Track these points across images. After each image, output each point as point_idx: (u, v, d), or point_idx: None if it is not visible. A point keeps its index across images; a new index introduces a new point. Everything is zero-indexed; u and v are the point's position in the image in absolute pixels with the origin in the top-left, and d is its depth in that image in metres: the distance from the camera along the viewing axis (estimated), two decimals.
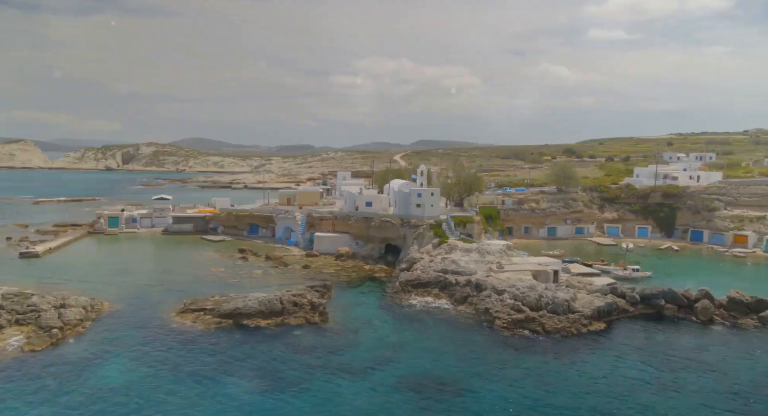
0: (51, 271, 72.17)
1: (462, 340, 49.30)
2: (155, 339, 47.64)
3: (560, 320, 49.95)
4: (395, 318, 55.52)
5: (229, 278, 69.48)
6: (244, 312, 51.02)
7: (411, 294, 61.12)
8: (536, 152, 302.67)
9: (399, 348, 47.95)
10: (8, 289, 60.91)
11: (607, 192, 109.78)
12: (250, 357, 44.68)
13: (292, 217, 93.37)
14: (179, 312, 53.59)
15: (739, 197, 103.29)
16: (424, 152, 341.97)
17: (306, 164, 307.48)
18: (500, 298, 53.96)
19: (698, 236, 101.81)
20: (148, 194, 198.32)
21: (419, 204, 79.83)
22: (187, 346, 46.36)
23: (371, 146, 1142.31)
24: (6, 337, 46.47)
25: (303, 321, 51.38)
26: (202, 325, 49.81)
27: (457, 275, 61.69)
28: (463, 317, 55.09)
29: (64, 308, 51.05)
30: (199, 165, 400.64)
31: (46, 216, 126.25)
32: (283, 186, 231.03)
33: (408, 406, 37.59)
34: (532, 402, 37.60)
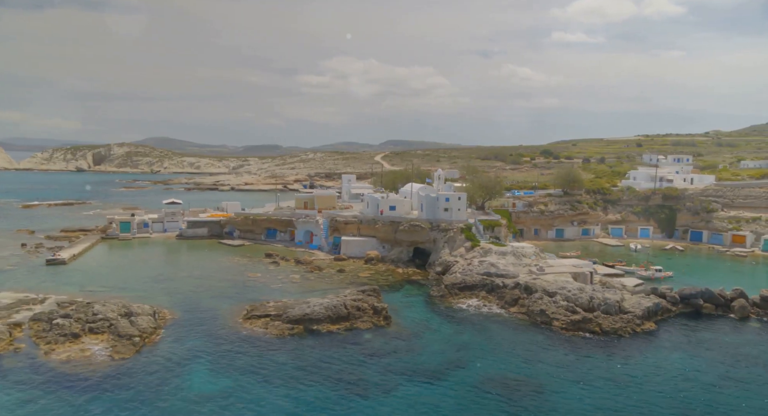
0: (83, 278, 71.70)
1: (525, 341, 51.64)
2: (232, 345, 48.51)
3: (615, 320, 52.83)
4: (451, 320, 57.52)
5: (271, 283, 70.32)
6: (313, 318, 52.25)
7: (458, 297, 63.26)
8: (515, 153, 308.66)
9: (466, 349, 49.97)
10: (59, 298, 60.87)
11: (610, 194, 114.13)
12: (330, 363, 46.03)
13: (313, 221, 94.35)
14: (245, 318, 54.47)
15: (734, 199, 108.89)
16: (404, 153, 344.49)
17: (287, 165, 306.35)
18: (552, 300, 56.58)
19: (698, 236, 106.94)
20: (135, 197, 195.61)
21: (447, 208, 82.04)
22: (266, 353, 47.38)
23: (339, 146, 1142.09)
24: (86, 345, 46.71)
25: (370, 325, 52.96)
26: (276, 331, 50.81)
27: (501, 278, 64.10)
28: (516, 319, 57.48)
29: (133, 316, 51.38)
30: (174, 166, 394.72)
31: (46, 221, 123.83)
32: (270, 188, 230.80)
33: (497, 405, 39.51)
34: (610, 399, 40.03)
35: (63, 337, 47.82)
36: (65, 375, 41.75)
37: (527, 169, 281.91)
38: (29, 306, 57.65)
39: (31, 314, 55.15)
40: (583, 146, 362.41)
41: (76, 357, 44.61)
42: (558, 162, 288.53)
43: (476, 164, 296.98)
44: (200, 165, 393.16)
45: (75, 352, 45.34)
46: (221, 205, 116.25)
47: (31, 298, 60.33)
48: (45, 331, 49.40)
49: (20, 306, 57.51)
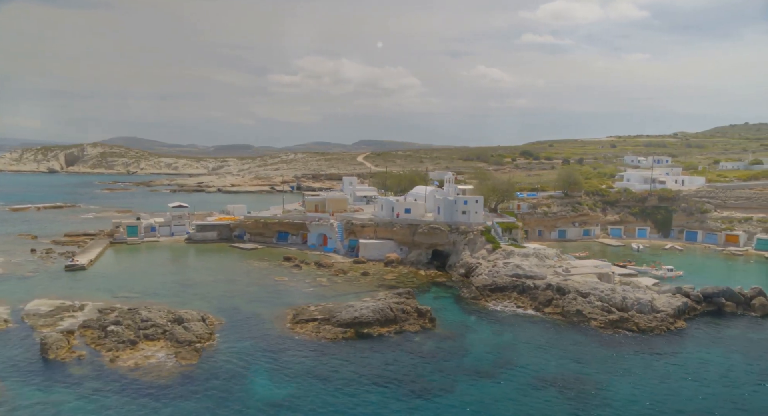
0: (108, 284, 71.32)
1: (567, 340, 53.79)
2: (289, 350, 49.39)
3: (650, 319, 55.43)
4: (490, 321, 59.37)
5: (301, 287, 71.12)
6: (363, 321, 53.46)
7: (490, 299, 65.22)
8: (496, 154, 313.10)
9: (513, 349, 51.86)
10: (96, 305, 60.70)
11: (608, 196, 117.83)
12: (388, 365, 47.33)
13: (327, 224, 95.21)
14: (293, 322, 55.34)
15: (726, 200, 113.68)
16: (386, 154, 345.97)
17: (270, 166, 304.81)
18: (587, 301, 58.97)
19: (693, 236, 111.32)
20: (122, 199, 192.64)
21: (465, 211, 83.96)
22: (322, 357, 48.40)
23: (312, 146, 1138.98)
24: (147, 352, 47.04)
25: (418, 327, 54.42)
26: (329, 335, 51.82)
27: (530, 279, 66.29)
28: (552, 319, 59.66)
29: (186, 322, 51.79)
30: (151, 167, 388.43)
31: (45, 225, 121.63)
32: (257, 189, 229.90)
33: (558, 402, 41.33)
34: (667, 395, 42.33)
35: (121, 344, 48.02)
36: (138, 381, 42.17)
37: (509, 169, 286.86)
38: (70, 314, 57.44)
39: (74, 321, 55.15)
40: (559, 147, 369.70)
41: (143, 363, 44.97)
42: (538, 163, 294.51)
43: (459, 165, 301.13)
44: (178, 166, 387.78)
45: (140, 359, 45.67)
46: (226, 208, 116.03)
47: (68, 305, 59.99)
48: (100, 338, 49.54)
49: (61, 314, 57.27)
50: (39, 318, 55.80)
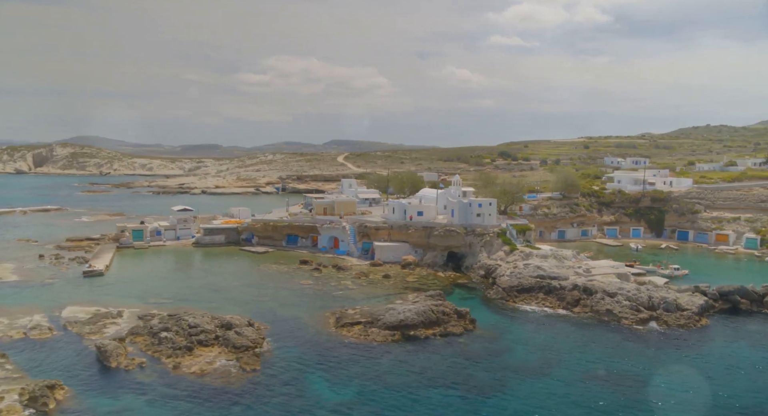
0: (133, 289, 71.11)
1: (603, 339, 56.21)
2: (343, 354, 50.44)
3: (678, 317, 58.38)
4: (524, 321, 61.49)
5: (331, 290, 72.05)
6: (409, 324, 54.87)
7: (517, 299, 67.39)
8: (474, 155, 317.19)
9: (553, 348, 53.95)
10: (132, 311, 60.64)
11: (603, 197, 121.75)
12: (441, 366, 48.92)
13: (339, 227, 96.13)
14: (337, 326, 56.37)
15: (715, 201, 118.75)
16: (365, 154, 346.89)
17: (251, 167, 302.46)
18: (615, 300, 61.64)
19: (684, 236, 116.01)
20: (105, 202, 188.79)
21: (479, 213, 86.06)
22: (377, 359, 49.68)
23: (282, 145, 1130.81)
24: (206, 358, 47.50)
25: (461, 329, 56.10)
26: (379, 338, 53.09)
27: (555, 280, 68.71)
28: (582, 318, 62.14)
29: (236, 328, 52.32)
30: (124, 168, 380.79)
31: (42, 230, 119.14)
32: (242, 190, 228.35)
33: (611, 397, 43.44)
34: (715, 387, 45.11)
35: (178, 350, 48.40)
36: (208, 387, 42.75)
37: (490, 170, 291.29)
38: (111, 321, 57.32)
39: (118, 328, 55.14)
40: (534, 148, 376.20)
41: (208, 369, 45.51)
42: (518, 164, 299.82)
43: (440, 165, 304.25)
44: (153, 167, 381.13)
45: (203, 365, 46.17)
46: (230, 212, 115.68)
47: (105, 312, 59.76)
48: (154, 345, 49.77)
49: (101, 321, 57.12)
50: (81, 325, 55.56)
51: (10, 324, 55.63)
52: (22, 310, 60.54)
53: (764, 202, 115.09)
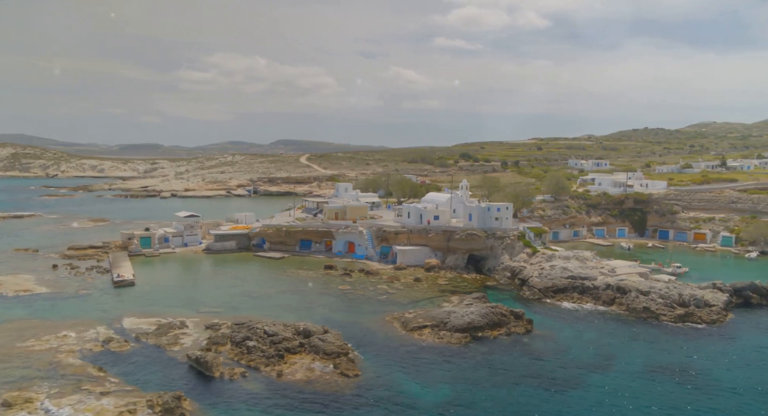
0: (172, 299, 70.98)
1: (647, 334, 61.06)
2: (426, 356, 52.91)
3: (709, 312, 64.10)
4: (568, 320, 65.64)
5: (373, 295, 74.06)
6: (476, 326, 57.99)
7: (554, 299, 71.74)
8: (438, 156, 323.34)
9: (608, 343, 58.17)
10: (193, 320, 61.01)
11: (590, 199, 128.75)
12: (516, 363, 52.25)
13: (356, 232, 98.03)
14: (407, 329, 58.77)
15: (691, 202, 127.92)
16: (327, 155, 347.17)
17: (215, 169, 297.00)
18: (649, 298, 66.88)
19: (665, 235, 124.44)
20: (70, 207, 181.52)
21: (497, 217, 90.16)
22: (458, 360, 52.42)
23: (227, 145, 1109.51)
24: (301, 365, 48.92)
25: (523, 329, 59.67)
26: (453, 340, 55.88)
27: (585, 280, 73.48)
28: (619, 315, 66.99)
29: (318, 335, 53.86)
30: (73, 169, 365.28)
31: (29, 238, 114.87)
32: (214, 193, 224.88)
33: (675, 388, 47.74)
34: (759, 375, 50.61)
35: (271, 358, 49.62)
36: (321, 394, 44.32)
37: (454, 171, 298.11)
38: (180, 331, 57.54)
39: (193, 338, 55.58)
40: (490, 149, 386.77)
41: (312, 376, 47.04)
42: (480, 165, 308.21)
43: (403, 166, 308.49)
44: (104, 168, 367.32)
45: (304, 372, 47.63)
46: (233, 217, 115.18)
47: (167, 323, 59.80)
48: (244, 354, 50.72)
49: (169, 331, 57.28)
50: (154, 336, 55.64)
51: (79, 338, 55.02)
52: (79, 323, 59.74)
53: (734, 203, 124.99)
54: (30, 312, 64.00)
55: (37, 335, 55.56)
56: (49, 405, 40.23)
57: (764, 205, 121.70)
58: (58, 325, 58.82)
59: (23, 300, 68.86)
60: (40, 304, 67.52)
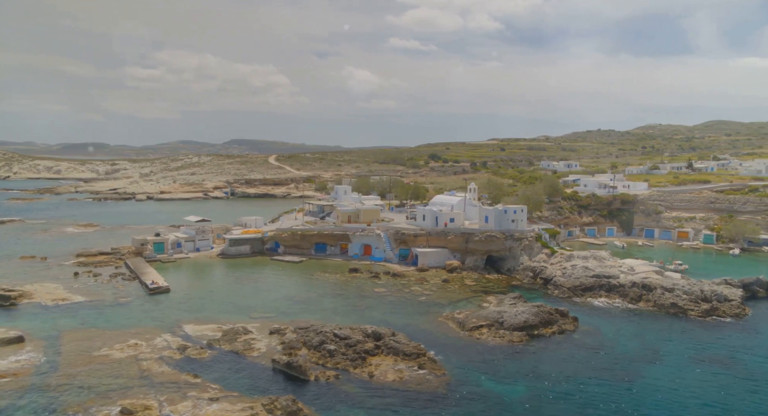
0: (217, 305, 71.45)
1: (679, 327, 65.89)
2: (495, 355, 55.69)
3: (731, 307, 69.66)
4: (602, 316, 69.85)
5: (413, 297, 76.34)
6: (531, 324, 61.36)
7: (583, 297, 76.05)
8: (408, 157, 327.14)
9: (647, 337, 62.47)
10: (253, 326, 61.96)
11: (581, 201, 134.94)
12: (576, 358, 55.83)
13: (373, 235, 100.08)
14: (466, 329, 61.56)
15: (673, 203, 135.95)
16: (296, 156, 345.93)
17: (185, 170, 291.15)
18: (674, 294, 72.02)
19: (651, 233, 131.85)
20: (45, 212, 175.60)
21: (514, 219, 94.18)
22: (524, 356, 55.68)
23: (177, 144, 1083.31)
24: (386, 367, 50.97)
25: (572, 327, 63.46)
26: (516, 338, 58.97)
27: (610, 279, 78.16)
28: (648, 311, 71.78)
29: (390, 337, 55.95)
30: (26, 171, 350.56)
31: (29, 245, 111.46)
32: (191, 196, 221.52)
33: (722, 376, 52.45)
34: None
35: (355, 361, 51.48)
36: (421, 393, 46.56)
37: (426, 172, 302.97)
38: (248, 336, 58.42)
39: (265, 343, 56.68)
40: (454, 149, 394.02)
41: (403, 377, 49.14)
42: (450, 166, 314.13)
43: (375, 167, 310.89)
44: (60, 169, 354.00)
45: (393, 373, 49.68)
46: (241, 221, 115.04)
47: (232, 328, 60.46)
48: (325, 357, 52.33)
49: (236, 337, 58.09)
50: (225, 342, 56.44)
51: (151, 345, 55.30)
52: (141, 331, 59.84)
53: (713, 204, 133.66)
54: (81, 322, 63.43)
55: (106, 344, 55.52)
56: (168, 412, 40.98)
57: (740, 205, 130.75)
58: (121, 334, 58.72)
59: (66, 310, 67.95)
60: (85, 313, 66.82)
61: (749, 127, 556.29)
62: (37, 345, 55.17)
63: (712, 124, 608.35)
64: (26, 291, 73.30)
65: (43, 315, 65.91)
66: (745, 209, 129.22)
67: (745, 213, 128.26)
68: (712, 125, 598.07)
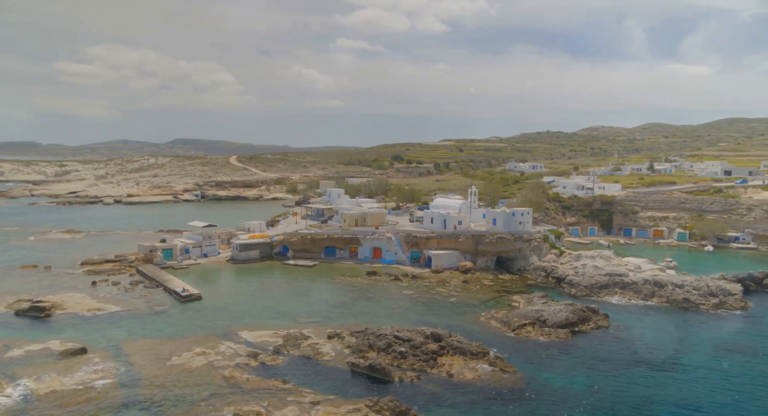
0: (257, 312, 72.00)
1: (695, 320, 71.76)
2: (550, 351, 59.45)
3: (736, 300, 76.26)
4: (624, 312, 74.87)
5: (443, 298, 79.26)
6: (572, 322, 65.53)
7: (600, 295, 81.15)
8: (373, 159, 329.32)
9: (670, 330, 67.88)
10: (308, 331, 63.34)
11: (564, 202, 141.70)
12: (620, 352, 60.22)
13: (384, 238, 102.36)
14: (513, 328, 65.04)
15: (648, 203, 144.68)
16: (257, 157, 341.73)
17: (146, 172, 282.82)
18: (684, 290, 78.07)
19: (628, 232, 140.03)
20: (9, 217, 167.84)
21: (521, 222, 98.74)
22: (575, 351, 59.71)
23: (115, 144, 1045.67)
24: (459, 366, 53.68)
25: (606, 323, 68.06)
26: (562, 335, 62.94)
27: (621, 277, 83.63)
28: (662, 307, 77.46)
29: (449, 338, 58.73)
30: None
31: (24, 253, 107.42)
32: (161, 199, 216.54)
33: (752, 362, 58.53)
34: None
35: (428, 362, 53.98)
36: (503, 389, 49.58)
37: (392, 173, 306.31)
38: (312, 342, 59.80)
39: (329, 348, 58.23)
40: (414, 151, 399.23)
41: (480, 375, 51.97)
42: (414, 167, 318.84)
43: (341, 169, 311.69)
44: (3, 171, 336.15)
45: (471, 372, 52.45)
46: (244, 226, 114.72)
47: (290, 334, 61.71)
48: (398, 359, 54.53)
49: (300, 342, 59.47)
50: (291, 348, 57.72)
51: (220, 353, 55.94)
52: (199, 339, 60.28)
53: (683, 204, 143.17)
54: (129, 331, 63.03)
55: (173, 353, 55.78)
56: None
57: (708, 205, 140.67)
58: (180, 343, 58.93)
59: (107, 320, 67.15)
60: (128, 323, 66.25)
61: (682, 129, 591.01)
62: (103, 356, 54.77)
63: (649, 126, 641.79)
64: (56, 302, 71.57)
65: (85, 325, 64.93)
66: (713, 209, 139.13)
67: (713, 212, 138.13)
68: (649, 127, 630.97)
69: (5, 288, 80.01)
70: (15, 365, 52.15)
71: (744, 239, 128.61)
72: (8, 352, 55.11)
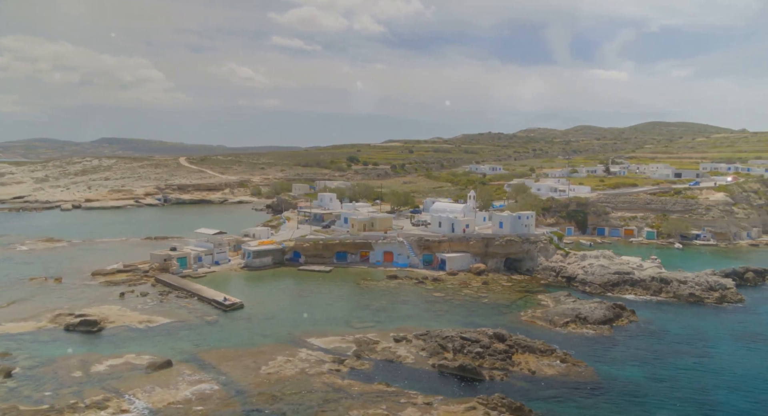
0: (309, 318, 73.24)
1: (707, 313, 79.50)
2: (603, 346, 64.85)
3: (733, 294, 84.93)
4: (642, 308, 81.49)
5: (474, 299, 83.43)
6: (609, 318, 71.44)
7: (613, 292, 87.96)
8: (330, 160, 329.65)
9: (687, 323, 75.31)
10: (371, 337, 65.91)
11: (543, 203, 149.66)
12: (656, 344, 66.61)
13: (396, 242, 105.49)
14: (557, 326, 70.10)
15: (617, 204, 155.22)
16: (209, 159, 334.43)
17: (95, 175, 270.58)
18: (688, 286, 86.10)
19: (602, 231, 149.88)
20: None
21: (527, 224, 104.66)
22: (620, 346, 65.48)
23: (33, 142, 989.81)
24: (533, 363, 57.95)
25: (636, 318, 74.50)
26: (606, 332, 68.66)
27: (629, 275, 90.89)
28: (670, 301, 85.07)
29: (510, 338, 63.01)
30: None
31: (19, 265, 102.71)
32: (122, 204, 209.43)
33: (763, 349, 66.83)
34: None
35: (505, 361, 57.98)
36: (583, 383, 54.24)
37: (351, 175, 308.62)
38: (384, 346, 62.27)
39: (404, 351, 61.07)
40: (366, 152, 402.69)
41: (559, 371, 56.44)
42: (372, 168, 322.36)
43: (300, 171, 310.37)
44: None
45: (549, 368, 56.82)
46: (249, 232, 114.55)
47: (362, 339, 64.07)
48: (478, 358, 58.23)
49: (373, 346, 61.91)
50: (369, 352, 60.19)
51: (305, 361, 57.58)
52: (271, 347, 61.58)
53: (649, 204, 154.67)
54: (193, 343, 63.29)
55: (258, 362, 56.88)
56: None
57: (671, 205, 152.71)
58: (258, 351, 60.07)
59: (162, 331, 66.91)
60: (186, 334, 66.33)
61: (611, 132, 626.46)
62: (190, 368, 55.14)
63: (580, 128, 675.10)
64: (101, 316, 70.19)
65: (143, 338, 64.44)
66: (675, 209, 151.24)
67: (675, 212, 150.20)
68: (581, 130, 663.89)
69: (35, 302, 77.31)
70: (109, 380, 51.75)
71: (705, 236, 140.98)
72: (92, 368, 54.43)
